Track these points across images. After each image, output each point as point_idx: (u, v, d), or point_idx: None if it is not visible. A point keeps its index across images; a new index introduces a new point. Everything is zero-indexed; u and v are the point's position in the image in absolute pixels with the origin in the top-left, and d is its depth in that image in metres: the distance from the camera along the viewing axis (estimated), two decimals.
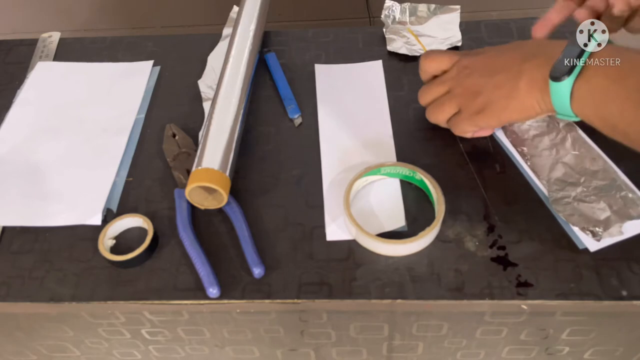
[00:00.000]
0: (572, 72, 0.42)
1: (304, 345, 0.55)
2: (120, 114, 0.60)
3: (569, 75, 0.42)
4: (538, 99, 0.45)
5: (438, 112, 0.53)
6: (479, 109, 0.49)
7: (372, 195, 0.52)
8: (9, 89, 0.64)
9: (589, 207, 0.48)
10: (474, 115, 0.49)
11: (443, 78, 0.52)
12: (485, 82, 0.48)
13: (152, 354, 0.58)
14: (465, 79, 0.50)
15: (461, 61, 0.51)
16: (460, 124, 0.51)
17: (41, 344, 0.57)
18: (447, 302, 0.45)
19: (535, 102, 0.46)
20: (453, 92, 0.51)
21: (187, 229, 0.49)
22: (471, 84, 0.49)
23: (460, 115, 0.51)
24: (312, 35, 0.68)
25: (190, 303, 0.46)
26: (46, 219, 0.51)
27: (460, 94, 0.50)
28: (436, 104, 0.53)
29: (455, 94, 0.51)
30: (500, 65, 0.48)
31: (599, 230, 0.46)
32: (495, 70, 0.48)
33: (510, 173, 0.52)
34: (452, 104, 0.51)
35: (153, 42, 0.68)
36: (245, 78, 0.57)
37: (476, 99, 0.49)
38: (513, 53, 0.48)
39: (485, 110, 0.48)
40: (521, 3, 1.29)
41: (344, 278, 0.47)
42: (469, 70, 0.50)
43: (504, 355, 0.55)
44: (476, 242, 0.48)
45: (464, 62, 0.51)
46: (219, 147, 0.51)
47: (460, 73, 0.50)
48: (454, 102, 0.51)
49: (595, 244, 0.47)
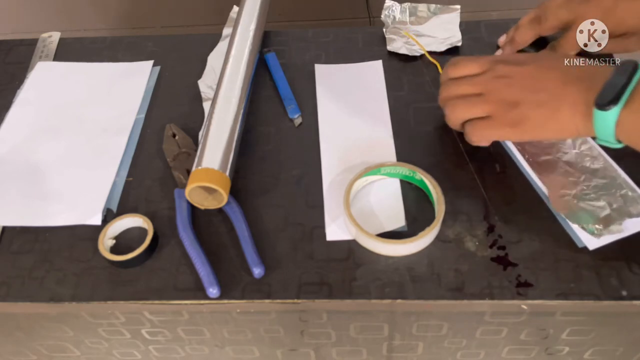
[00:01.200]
0: (619, 101, 0.42)
1: (304, 345, 0.55)
2: (120, 114, 0.60)
3: (616, 105, 0.41)
4: (578, 124, 0.45)
5: (464, 109, 0.51)
6: (514, 121, 0.48)
7: (372, 195, 0.52)
8: (9, 89, 0.64)
9: (589, 205, 0.48)
10: (506, 127, 0.48)
11: (475, 80, 0.50)
12: (525, 97, 0.47)
13: (152, 354, 0.58)
14: (504, 88, 0.48)
15: (497, 68, 0.50)
16: (486, 130, 0.50)
17: (41, 344, 0.57)
18: (447, 302, 0.45)
19: (574, 127, 0.45)
20: (486, 97, 0.49)
21: (187, 229, 0.49)
22: (510, 95, 0.48)
23: (488, 122, 0.49)
24: (312, 35, 0.68)
25: (190, 303, 0.46)
26: (46, 219, 0.51)
27: (495, 101, 0.49)
28: (463, 101, 0.51)
29: (488, 99, 0.49)
30: (542, 83, 0.47)
31: (598, 228, 0.46)
32: (536, 87, 0.47)
33: (510, 173, 0.52)
34: (483, 107, 0.49)
35: (153, 42, 0.68)
36: (245, 78, 0.57)
37: (512, 110, 0.47)
38: (555, 72, 0.47)
39: (520, 125, 0.47)
40: (521, 3, 1.29)
41: (344, 278, 0.47)
42: (508, 80, 0.49)
43: (504, 355, 0.55)
44: (476, 242, 0.48)
45: (501, 70, 0.49)
46: (219, 147, 0.51)
47: (498, 80, 0.49)
48: (486, 106, 0.49)
49: (594, 242, 0.47)
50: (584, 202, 0.48)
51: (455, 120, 0.52)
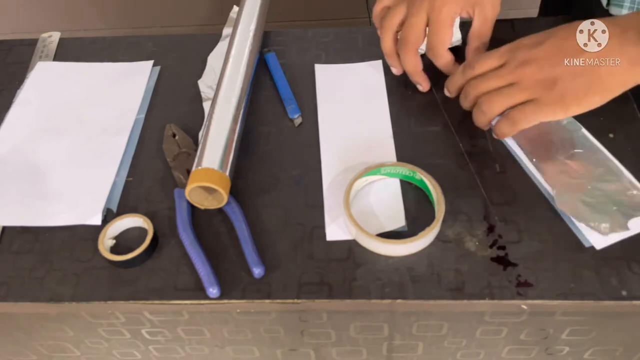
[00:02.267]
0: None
1: (304, 345, 0.55)
2: (120, 114, 0.60)
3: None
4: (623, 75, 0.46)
5: (502, 100, 0.50)
6: (557, 98, 0.48)
7: (372, 195, 0.52)
8: (9, 89, 0.64)
9: (594, 204, 0.48)
10: (552, 105, 0.48)
11: (501, 72, 0.50)
12: (559, 72, 0.48)
13: (152, 354, 0.58)
14: (535, 71, 0.49)
15: (518, 56, 0.50)
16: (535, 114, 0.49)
17: (41, 344, 0.57)
18: (447, 302, 0.45)
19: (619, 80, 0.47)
20: (520, 85, 0.49)
21: (187, 229, 0.49)
22: (544, 75, 0.48)
23: (533, 105, 0.49)
24: (312, 35, 0.68)
25: (190, 303, 0.46)
26: (46, 219, 0.51)
27: (532, 86, 0.49)
28: (499, 93, 0.50)
29: (523, 86, 0.49)
30: (568, 53, 0.48)
31: (605, 226, 0.46)
32: (564, 59, 0.48)
33: (510, 173, 0.52)
34: (522, 94, 0.49)
35: (153, 42, 0.68)
36: (245, 78, 0.57)
37: (553, 88, 0.48)
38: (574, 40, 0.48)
39: (564, 99, 0.48)
40: (521, 3, 1.29)
41: (344, 278, 0.47)
42: (534, 63, 0.49)
43: (504, 355, 0.55)
44: (476, 242, 0.48)
45: (522, 56, 0.50)
46: (219, 147, 0.51)
47: (525, 67, 0.49)
48: (525, 93, 0.49)
49: (601, 241, 0.47)
50: (591, 201, 0.48)
51: (492, 113, 0.51)
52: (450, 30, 0.55)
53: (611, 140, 0.53)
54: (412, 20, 0.55)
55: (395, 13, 0.57)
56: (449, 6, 0.54)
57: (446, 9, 0.54)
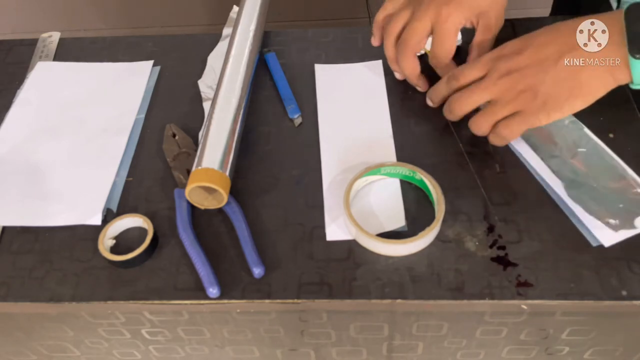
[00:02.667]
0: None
1: (304, 345, 0.55)
2: (120, 114, 0.60)
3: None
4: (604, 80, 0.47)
5: (488, 119, 0.51)
6: (541, 106, 0.48)
7: (372, 195, 0.52)
8: (9, 89, 0.64)
9: (602, 201, 0.48)
10: (536, 114, 0.48)
11: (483, 85, 0.50)
12: (540, 80, 0.48)
13: (152, 354, 0.58)
14: (516, 83, 0.49)
15: (499, 67, 0.50)
16: (520, 126, 0.50)
17: (41, 344, 0.57)
18: (447, 302, 0.45)
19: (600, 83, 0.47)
20: (504, 99, 0.49)
21: (187, 229, 0.49)
22: (525, 86, 0.48)
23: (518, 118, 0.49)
24: (312, 35, 0.68)
25: (190, 303, 0.46)
26: (46, 219, 0.51)
27: (515, 98, 0.49)
28: (483, 113, 0.51)
29: (506, 100, 0.49)
30: (548, 60, 0.48)
31: (615, 222, 0.46)
32: (545, 66, 0.48)
33: (510, 173, 0.52)
34: (506, 109, 0.50)
35: (153, 42, 0.68)
36: (245, 78, 0.57)
37: (536, 98, 0.48)
38: (554, 45, 0.48)
39: (547, 107, 0.48)
40: (521, 3, 1.29)
41: (344, 278, 0.47)
42: (516, 74, 0.49)
43: (504, 355, 0.55)
44: (476, 242, 0.48)
45: (504, 67, 0.49)
46: (219, 147, 0.51)
47: (507, 79, 0.49)
48: (508, 107, 0.49)
49: (610, 238, 0.47)
50: (598, 198, 0.48)
51: (481, 133, 0.52)
52: (455, 40, 0.55)
53: (611, 140, 0.53)
54: (415, 24, 0.55)
55: (398, 19, 0.56)
56: (455, 16, 0.54)
57: (452, 19, 0.54)
